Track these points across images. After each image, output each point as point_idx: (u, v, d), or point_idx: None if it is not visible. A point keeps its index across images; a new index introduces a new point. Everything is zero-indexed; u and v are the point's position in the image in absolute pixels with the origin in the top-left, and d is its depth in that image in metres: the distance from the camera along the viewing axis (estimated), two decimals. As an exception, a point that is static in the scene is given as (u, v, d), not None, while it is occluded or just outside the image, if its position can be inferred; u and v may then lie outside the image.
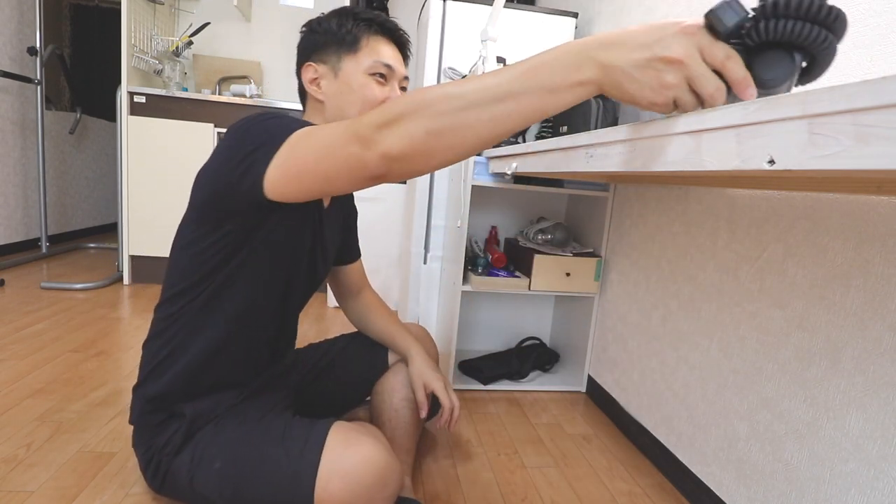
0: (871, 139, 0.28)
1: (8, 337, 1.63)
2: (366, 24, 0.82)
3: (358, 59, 0.81)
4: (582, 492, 1.08)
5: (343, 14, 0.83)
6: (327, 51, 0.82)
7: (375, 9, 2.78)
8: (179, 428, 0.80)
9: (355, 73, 0.81)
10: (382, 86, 0.83)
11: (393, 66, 0.83)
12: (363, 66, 0.81)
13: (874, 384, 0.71)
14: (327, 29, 0.82)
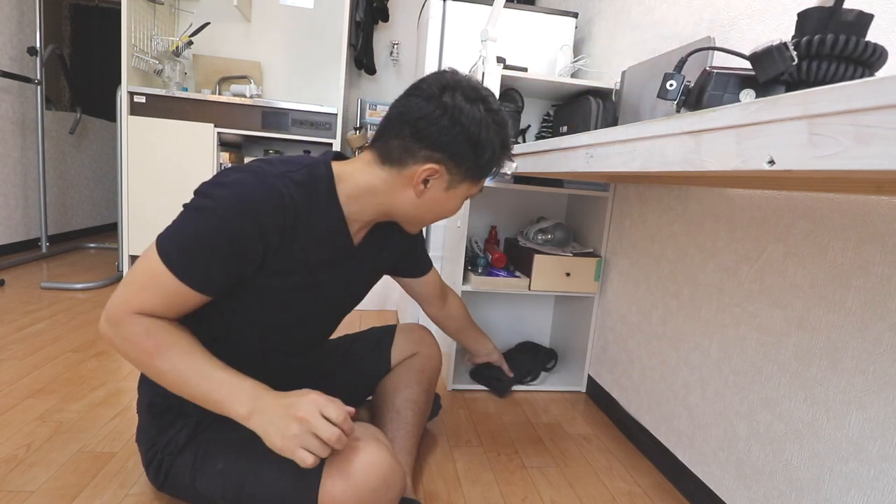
0: (870, 139, 0.28)
1: (8, 337, 1.63)
2: (503, 158, 0.80)
3: (470, 187, 0.80)
4: (582, 492, 1.08)
5: (498, 136, 0.76)
6: (460, 166, 0.75)
7: (375, 9, 2.78)
8: (184, 427, 0.80)
9: (463, 196, 0.81)
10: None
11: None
12: (468, 191, 0.80)
13: (874, 384, 0.71)
14: (480, 150, 0.74)
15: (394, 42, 2.97)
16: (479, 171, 0.78)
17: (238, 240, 0.66)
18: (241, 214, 0.66)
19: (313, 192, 0.73)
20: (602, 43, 1.67)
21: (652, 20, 1.37)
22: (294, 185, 0.71)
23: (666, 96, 0.67)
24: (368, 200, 0.78)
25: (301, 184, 0.72)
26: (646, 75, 1.17)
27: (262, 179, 0.68)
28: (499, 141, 0.76)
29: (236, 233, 0.66)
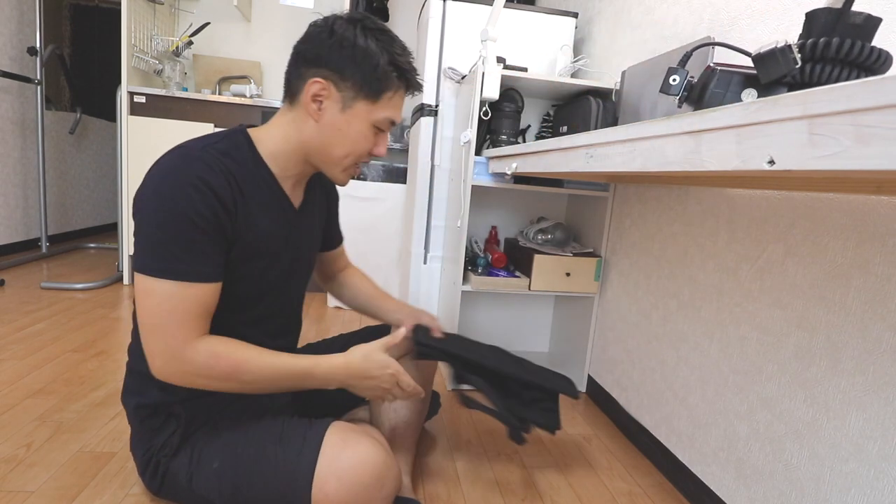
0: (870, 139, 0.28)
1: (8, 337, 1.63)
2: (398, 77, 0.75)
3: (374, 108, 0.75)
4: (582, 492, 1.08)
5: (381, 43, 0.73)
6: (347, 79, 0.73)
7: (375, 9, 2.77)
8: (177, 429, 0.80)
9: (363, 119, 0.76)
10: (376, 134, 0.79)
11: (398, 121, 0.80)
12: (374, 118, 0.76)
13: (874, 384, 0.71)
14: (360, 57, 0.72)
15: (394, 42, 2.97)
16: (370, 87, 0.73)
17: (202, 213, 0.66)
18: (189, 191, 0.66)
19: (238, 157, 0.75)
20: (602, 43, 1.67)
21: (652, 20, 1.37)
22: (220, 154, 0.72)
23: (669, 91, 0.67)
24: (287, 149, 0.79)
25: (225, 152, 0.73)
26: (646, 75, 1.17)
27: (190, 157, 0.69)
28: (384, 53, 0.73)
29: (195, 208, 0.66)
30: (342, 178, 0.82)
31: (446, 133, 1.70)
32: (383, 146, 0.80)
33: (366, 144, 0.78)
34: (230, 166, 0.72)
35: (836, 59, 0.49)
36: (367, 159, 0.81)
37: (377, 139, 0.79)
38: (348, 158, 0.78)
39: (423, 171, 1.73)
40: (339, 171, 0.81)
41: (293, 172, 0.82)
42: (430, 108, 1.71)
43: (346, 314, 2.23)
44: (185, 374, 0.69)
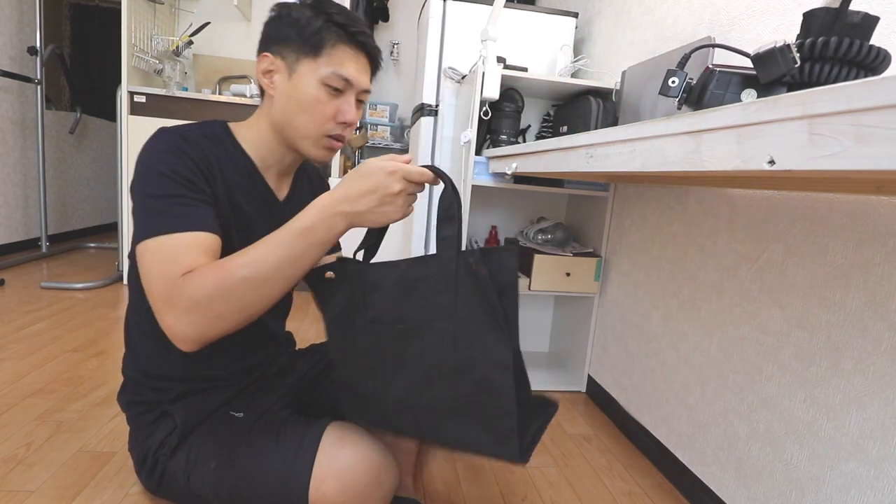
0: (871, 139, 0.28)
1: (8, 337, 1.63)
2: (336, 29, 0.73)
3: (317, 65, 0.73)
4: (582, 492, 1.08)
5: (316, 9, 0.74)
6: (288, 45, 0.73)
7: (375, 9, 2.78)
8: (174, 429, 0.80)
9: (310, 79, 0.73)
10: (335, 98, 0.75)
11: (352, 79, 0.74)
12: (320, 75, 0.72)
13: (874, 384, 0.71)
14: (295, 21, 0.73)
15: (394, 42, 2.97)
16: (308, 45, 0.73)
17: (179, 171, 0.67)
18: (166, 156, 0.68)
19: (216, 141, 0.75)
20: (602, 43, 1.67)
21: (652, 20, 1.37)
22: (199, 135, 0.73)
23: (668, 93, 0.67)
24: (262, 136, 0.79)
25: (204, 135, 0.74)
26: (646, 75, 1.17)
27: (166, 131, 0.71)
28: (319, 14, 0.73)
29: (172, 167, 0.67)
30: (317, 153, 0.78)
31: (446, 133, 1.70)
32: (350, 112, 0.75)
33: (324, 109, 0.74)
34: (207, 147, 0.73)
35: (834, 59, 0.49)
36: (342, 131, 0.77)
37: (339, 103, 0.75)
38: (311, 127, 0.75)
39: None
40: (311, 146, 0.77)
41: (274, 161, 0.81)
42: (431, 108, 1.71)
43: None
44: (191, 315, 0.61)
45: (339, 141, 0.78)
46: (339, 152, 2.49)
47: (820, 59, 0.50)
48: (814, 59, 0.50)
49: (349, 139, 0.83)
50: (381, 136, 2.78)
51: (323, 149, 0.78)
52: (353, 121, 0.77)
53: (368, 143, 2.77)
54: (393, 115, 2.76)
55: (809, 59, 0.51)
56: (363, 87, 0.77)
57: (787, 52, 0.48)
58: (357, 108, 0.78)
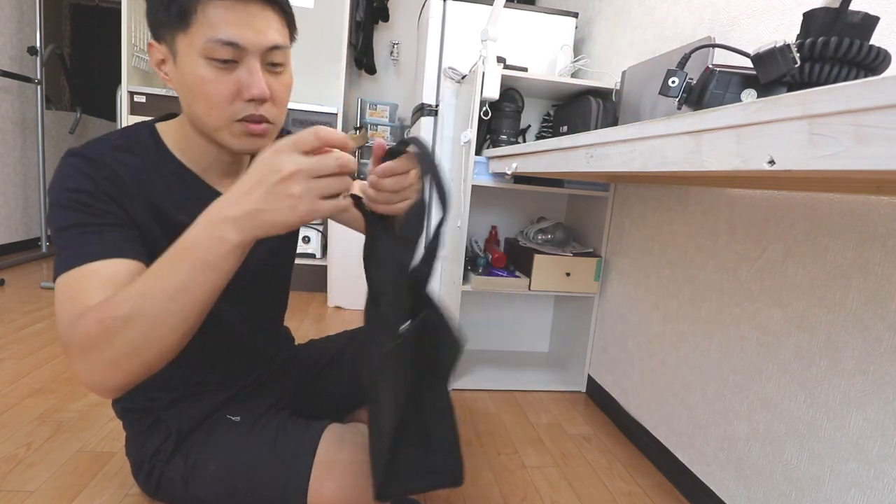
0: (871, 139, 0.28)
1: (8, 337, 1.63)
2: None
3: (190, 37, 0.58)
4: (582, 492, 1.08)
5: None
6: (163, 25, 0.61)
7: (375, 9, 2.78)
8: (169, 436, 0.79)
9: (189, 58, 0.59)
10: (228, 71, 0.59)
11: (239, 40, 0.58)
12: (197, 49, 0.58)
13: (874, 384, 0.71)
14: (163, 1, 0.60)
15: (394, 42, 2.97)
16: (176, 18, 0.59)
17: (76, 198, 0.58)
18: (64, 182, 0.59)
19: (138, 149, 0.66)
20: (602, 43, 1.67)
21: (652, 20, 1.37)
22: (112, 150, 0.64)
23: (668, 93, 0.67)
24: (186, 133, 0.68)
25: (120, 147, 0.65)
26: (646, 75, 1.17)
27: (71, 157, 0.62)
28: None
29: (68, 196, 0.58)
30: (237, 143, 0.64)
31: (446, 133, 1.70)
32: (255, 83, 0.60)
33: (217, 89, 0.60)
34: (121, 160, 0.63)
35: (834, 59, 0.49)
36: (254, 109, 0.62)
37: (237, 77, 0.60)
38: (213, 114, 0.61)
39: (423, 171, 1.73)
40: (227, 137, 0.64)
41: (210, 160, 0.70)
42: (430, 108, 1.71)
43: (346, 314, 2.23)
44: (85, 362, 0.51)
45: (259, 123, 0.63)
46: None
47: (820, 59, 0.50)
48: (814, 59, 0.50)
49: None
50: (381, 136, 2.78)
51: (242, 137, 0.63)
52: (262, 93, 0.60)
53: (368, 143, 2.77)
54: (393, 115, 2.76)
55: (809, 59, 0.51)
56: (262, 44, 0.59)
57: (787, 52, 0.48)
58: (272, 74, 0.63)
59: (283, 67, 0.64)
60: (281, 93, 0.64)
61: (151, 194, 0.65)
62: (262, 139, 0.65)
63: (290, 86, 0.67)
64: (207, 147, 0.68)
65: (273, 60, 0.62)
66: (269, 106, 0.63)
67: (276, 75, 0.63)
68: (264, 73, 0.61)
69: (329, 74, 2.84)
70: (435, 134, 1.71)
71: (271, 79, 0.62)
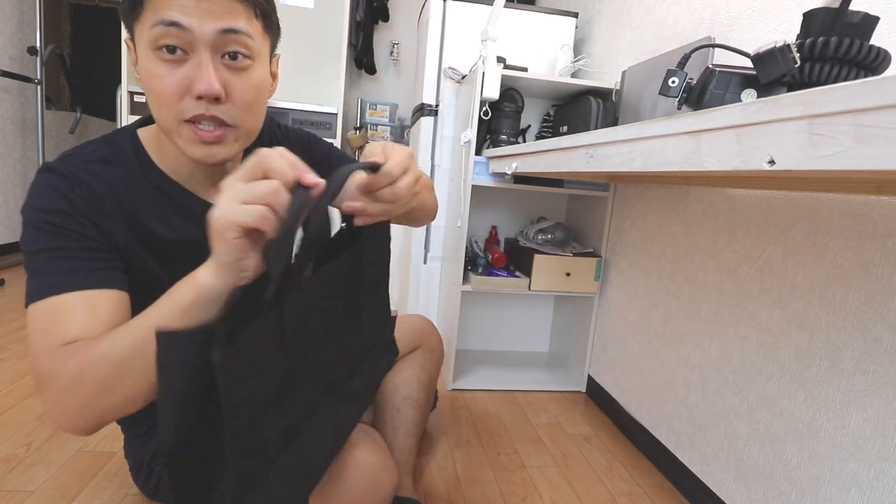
0: (871, 139, 0.28)
1: (8, 336, 1.63)
2: None
3: (142, 25, 0.52)
4: (582, 492, 1.08)
5: None
6: (125, 17, 0.55)
7: (375, 9, 2.78)
8: None
9: (142, 50, 0.53)
10: (176, 64, 0.52)
11: (182, 22, 0.50)
12: (146, 39, 0.52)
13: (874, 384, 0.71)
14: None
15: (394, 42, 2.97)
16: (126, 5, 0.53)
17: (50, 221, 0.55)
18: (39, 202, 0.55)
19: (119, 160, 0.61)
20: (602, 43, 1.67)
21: (652, 20, 1.37)
22: (91, 163, 0.59)
23: (668, 93, 0.67)
24: (164, 140, 0.62)
25: (100, 158, 0.59)
26: (646, 75, 1.17)
27: (45, 170, 0.57)
28: None
29: (42, 219, 0.55)
30: (185, 147, 0.56)
31: (446, 133, 1.70)
32: (202, 77, 0.52)
33: (163, 83, 0.52)
34: (99, 174, 0.58)
35: (834, 59, 0.49)
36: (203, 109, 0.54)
37: (185, 71, 0.52)
38: (163, 111, 0.54)
39: (423, 170, 1.73)
40: (176, 138, 0.56)
41: (189, 168, 0.63)
42: (431, 107, 1.71)
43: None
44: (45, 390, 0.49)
45: (213, 128, 0.55)
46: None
47: (820, 59, 0.50)
48: (814, 59, 0.50)
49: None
50: (381, 136, 2.78)
51: (193, 144, 0.55)
52: (210, 88, 0.52)
53: (368, 143, 2.77)
54: (393, 115, 2.76)
55: (809, 59, 0.51)
56: (210, 28, 0.51)
57: (787, 52, 0.48)
58: (232, 69, 0.54)
59: (249, 62, 0.55)
60: (242, 92, 0.55)
61: (133, 210, 0.60)
62: (220, 147, 0.57)
63: (257, 86, 0.58)
64: (180, 154, 0.60)
65: (230, 50, 0.53)
66: (226, 107, 0.54)
67: (238, 71, 0.55)
68: (220, 68, 0.53)
69: (329, 74, 2.84)
70: (435, 134, 1.71)
71: (230, 75, 0.54)
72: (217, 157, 0.57)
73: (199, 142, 0.55)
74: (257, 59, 0.57)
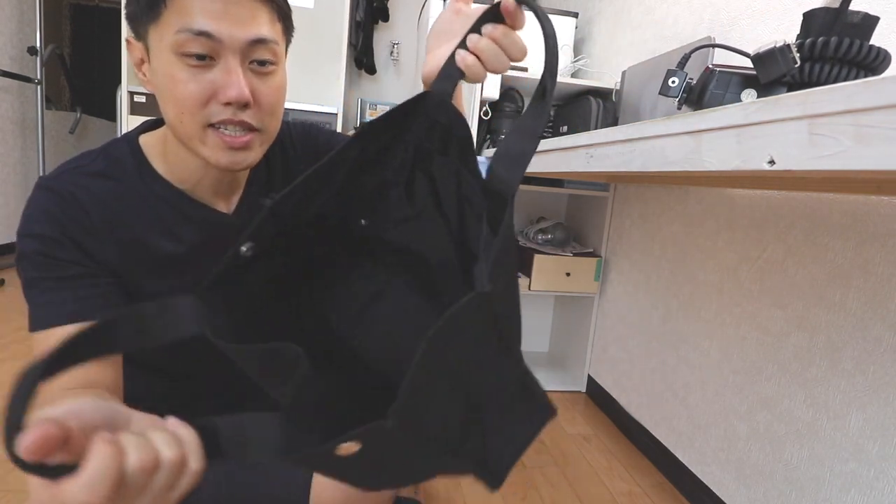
0: (871, 139, 0.28)
1: (8, 337, 1.63)
2: None
3: (161, 29, 0.50)
4: (582, 492, 1.08)
5: None
6: (137, 18, 0.53)
7: (375, 9, 2.78)
8: None
9: (161, 53, 0.51)
10: (204, 72, 0.51)
11: (214, 32, 0.49)
12: (167, 42, 0.50)
13: (874, 384, 0.71)
14: None
15: (394, 42, 2.97)
16: (142, 6, 0.52)
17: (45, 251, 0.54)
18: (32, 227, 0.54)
19: (117, 172, 0.58)
20: (602, 43, 1.67)
21: (652, 20, 1.37)
22: (89, 177, 0.57)
23: (668, 93, 0.67)
24: (174, 149, 0.59)
25: (97, 172, 0.57)
26: (646, 75, 1.17)
27: (39, 188, 0.56)
28: None
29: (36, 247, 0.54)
30: (209, 154, 0.54)
31: (446, 133, 1.70)
32: (232, 83, 0.51)
33: (188, 89, 0.51)
34: (99, 190, 0.56)
35: (834, 58, 0.49)
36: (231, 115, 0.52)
37: (212, 77, 0.51)
38: (185, 117, 0.52)
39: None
40: (199, 145, 0.54)
41: (199, 176, 0.61)
42: (430, 108, 1.71)
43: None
44: None
45: (241, 135, 0.54)
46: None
47: (820, 59, 0.50)
48: (814, 59, 0.51)
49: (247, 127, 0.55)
50: (381, 136, 2.77)
51: (219, 150, 0.54)
52: (241, 95, 0.51)
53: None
54: (393, 115, 2.76)
55: (809, 59, 0.51)
56: (242, 37, 0.51)
57: (787, 52, 0.48)
58: (258, 74, 0.54)
59: (274, 67, 0.55)
60: (269, 97, 0.55)
61: (131, 228, 0.58)
62: (246, 153, 0.55)
63: (281, 89, 0.58)
64: (193, 160, 0.58)
65: (258, 58, 0.53)
66: (253, 111, 0.54)
67: (263, 76, 0.54)
68: (247, 74, 0.53)
69: (329, 74, 2.84)
70: (435, 134, 1.71)
71: (256, 80, 0.54)
72: (244, 162, 0.56)
73: (226, 147, 0.54)
74: (280, 62, 0.57)
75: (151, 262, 0.60)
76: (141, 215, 0.59)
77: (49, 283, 0.54)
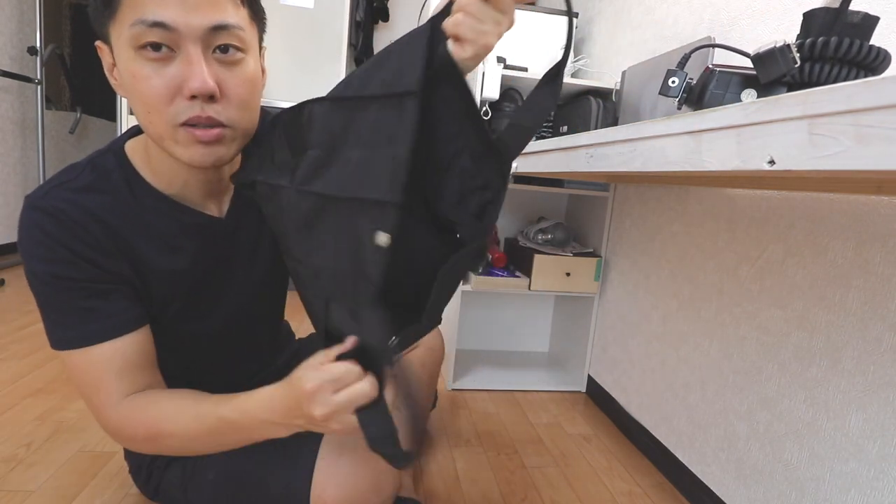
0: (871, 139, 0.28)
1: (8, 336, 1.63)
2: None
3: (119, 25, 0.48)
4: (582, 492, 1.08)
5: None
6: (97, 18, 0.51)
7: (375, 9, 2.78)
8: None
9: (121, 51, 0.49)
10: (165, 65, 0.48)
11: (167, 21, 0.46)
12: (125, 37, 0.48)
13: (874, 384, 0.71)
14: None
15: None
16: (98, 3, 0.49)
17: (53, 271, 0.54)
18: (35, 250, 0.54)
19: (106, 185, 0.57)
20: (602, 43, 1.67)
21: (652, 20, 1.37)
22: (78, 193, 0.55)
23: (668, 93, 0.67)
24: (157, 154, 0.57)
25: (86, 187, 0.56)
26: (646, 75, 1.17)
27: (30, 208, 0.54)
28: None
29: (45, 268, 0.54)
30: (181, 151, 0.52)
31: (446, 133, 1.70)
32: (194, 74, 0.48)
33: (149, 85, 0.48)
34: (91, 205, 0.55)
35: (834, 59, 0.49)
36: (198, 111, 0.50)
37: (173, 71, 0.48)
38: (153, 116, 0.50)
39: (423, 171, 1.73)
40: (171, 143, 0.52)
41: (182, 179, 0.60)
42: (430, 108, 1.70)
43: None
44: (120, 440, 0.63)
45: (210, 127, 0.51)
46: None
47: (820, 59, 0.50)
48: (814, 59, 0.51)
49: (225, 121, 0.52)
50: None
51: (190, 145, 0.52)
52: (204, 86, 0.48)
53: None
54: (393, 115, 2.76)
55: (809, 59, 0.51)
56: (198, 24, 0.47)
57: (787, 52, 0.48)
58: (224, 64, 0.51)
59: (241, 55, 0.52)
60: (237, 88, 0.52)
61: (127, 242, 0.58)
62: (217, 147, 0.53)
63: (251, 81, 0.54)
64: (173, 162, 0.56)
65: (222, 43, 0.50)
66: (222, 106, 0.51)
67: (230, 66, 0.51)
68: (211, 63, 0.50)
69: (329, 74, 2.84)
70: (435, 134, 1.71)
71: (223, 70, 0.51)
72: (217, 157, 0.54)
73: (196, 143, 0.52)
74: (249, 51, 0.54)
75: (155, 279, 0.62)
76: (136, 231, 0.58)
77: (84, 302, 0.55)
